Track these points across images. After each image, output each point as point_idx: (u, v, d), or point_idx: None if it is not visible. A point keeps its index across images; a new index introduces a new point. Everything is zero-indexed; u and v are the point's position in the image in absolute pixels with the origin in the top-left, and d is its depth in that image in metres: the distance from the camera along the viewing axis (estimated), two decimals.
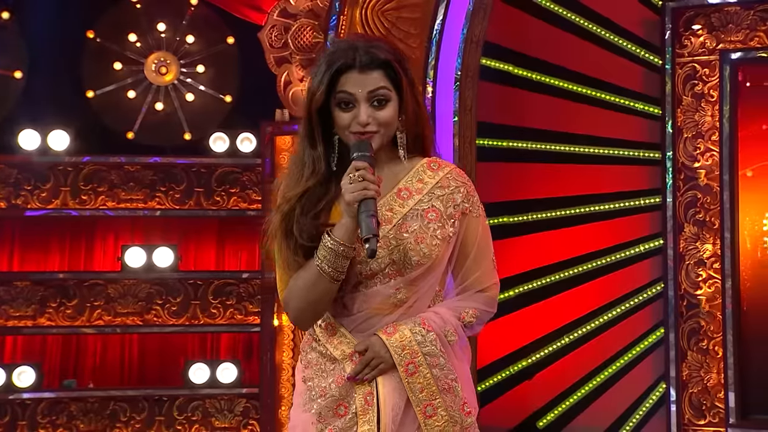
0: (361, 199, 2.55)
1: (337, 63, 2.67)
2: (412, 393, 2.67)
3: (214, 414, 6.21)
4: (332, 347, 2.72)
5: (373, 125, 2.66)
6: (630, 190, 6.23)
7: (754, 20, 5.85)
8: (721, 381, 5.80)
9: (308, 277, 2.64)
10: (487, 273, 2.80)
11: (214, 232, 6.53)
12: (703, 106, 5.91)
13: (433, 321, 2.70)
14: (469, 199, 2.76)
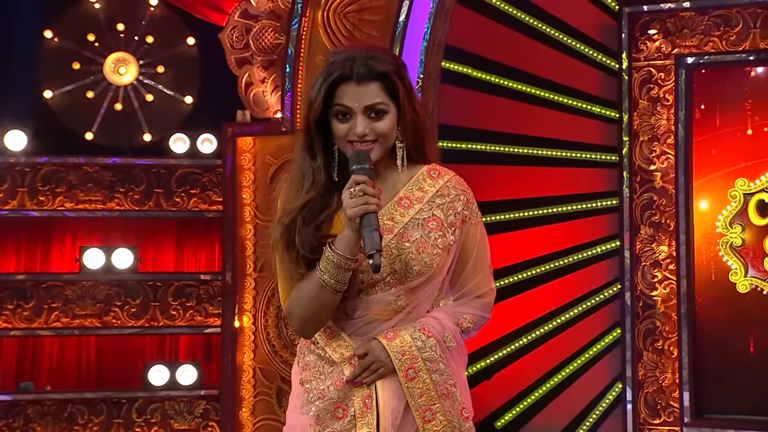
0: (362, 214, 2.57)
1: (334, 74, 2.69)
2: (412, 398, 2.71)
3: (173, 416, 6.19)
4: (331, 350, 2.75)
5: (370, 136, 2.68)
6: (587, 192, 6.30)
7: (708, 25, 5.93)
8: (676, 381, 5.87)
9: (310, 288, 2.67)
10: (485, 279, 2.84)
11: (173, 234, 6.52)
12: (658, 109, 5.99)
13: (432, 327, 2.73)
14: (469, 206, 2.79)
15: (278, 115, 6.06)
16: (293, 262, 2.70)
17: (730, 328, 5.97)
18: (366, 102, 2.67)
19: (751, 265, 5.86)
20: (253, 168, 6.11)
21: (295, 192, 2.75)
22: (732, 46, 5.88)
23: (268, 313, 6.07)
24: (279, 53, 6.07)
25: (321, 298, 2.66)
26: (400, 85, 2.71)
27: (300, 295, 2.70)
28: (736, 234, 5.88)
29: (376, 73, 2.69)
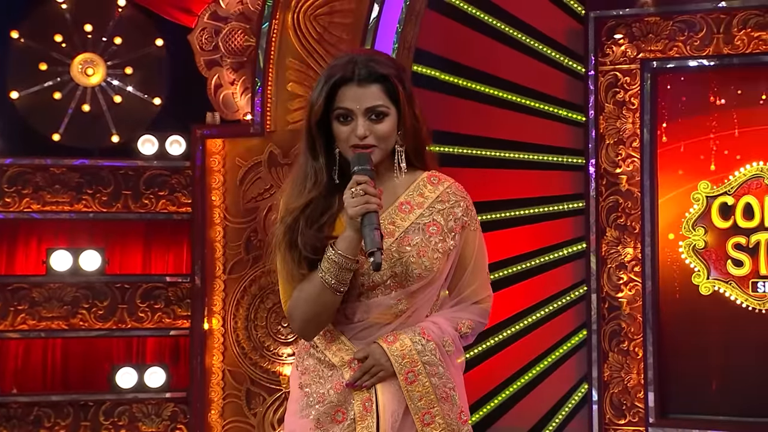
0: (363, 213, 2.59)
1: (335, 76, 2.71)
2: (411, 401, 2.72)
3: (141, 418, 6.17)
4: (331, 354, 2.76)
5: (371, 138, 2.70)
6: (554, 195, 6.36)
7: (673, 30, 6.01)
8: (641, 381, 5.94)
9: (312, 289, 2.68)
10: (483, 285, 2.87)
11: (141, 235, 6.47)
12: (624, 113, 6.06)
13: (432, 331, 2.75)
14: (468, 213, 2.82)
15: (248, 117, 6.07)
16: (295, 262, 2.71)
17: (693, 330, 6.04)
18: (367, 104, 2.69)
19: (714, 268, 5.95)
20: (222, 170, 6.11)
21: (297, 192, 2.76)
22: (696, 51, 5.97)
23: (238, 315, 6.08)
24: (249, 55, 6.08)
25: (322, 299, 2.68)
26: (400, 88, 2.73)
27: (301, 295, 2.71)
28: (699, 236, 5.96)
29: (377, 75, 2.71)
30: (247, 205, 6.10)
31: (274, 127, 6.05)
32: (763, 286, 5.88)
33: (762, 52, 5.87)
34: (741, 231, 5.91)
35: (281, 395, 6.02)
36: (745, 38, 5.89)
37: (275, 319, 6.04)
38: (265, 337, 6.05)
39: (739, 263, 5.90)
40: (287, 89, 6.04)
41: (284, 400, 6.03)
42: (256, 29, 6.00)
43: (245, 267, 6.08)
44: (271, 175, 6.06)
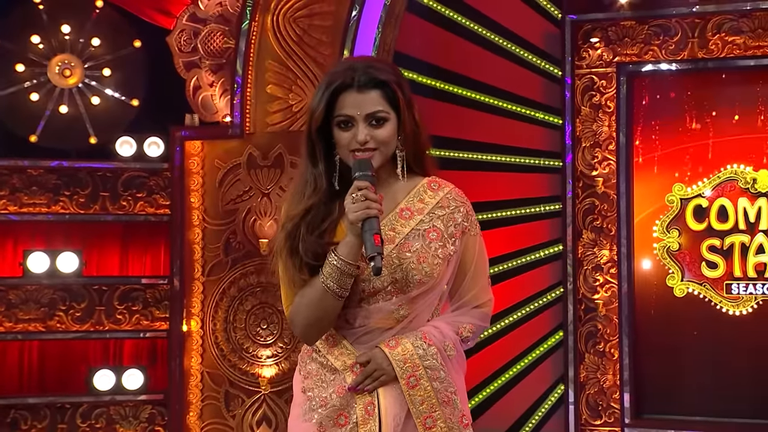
0: (364, 218, 2.60)
1: (335, 83, 2.72)
2: (413, 405, 2.74)
3: (118, 421, 6.16)
4: (333, 358, 2.78)
5: (371, 143, 2.71)
6: (531, 197, 6.40)
7: (648, 35, 6.07)
8: (617, 382, 5.99)
9: (314, 294, 2.70)
10: (483, 290, 2.89)
11: (118, 237, 6.45)
12: (600, 116, 6.10)
13: (433, 335, 2.77)
14: (468, 218, 2.85)
15: (227, 119, 6.07)
16: (296, 268, 2.73)
17: (668, 331, 6.09)
18: (367, 110, 2.71)
19: (688, 270, 6.00)
20: (201, 172, 6.11)
21: (298, 198, 2.78)
22: (671, 55, 6.02)
23: (217, 317, 6.08)
24: (228, 57, 6.08)
25: (324, 304, 2.69)
26: (400, 94, 2.75)
27: (303, 301, 2.73)
28: (674, 239, 6.02)
29: (377, 81, 2.72)
30: (226, 207, 6.10)
31: (253, 129, 6.06)
32: (737, 288, 5.95)
33: (736, 57, 5.94)
34: (715, 233, 5.97)
35: (260, 397, 6.03)
36: (719, 42, 5.95)
37: (254, 321, 6.05)
38: (244, 339, 6.05)
39: (713, 265, 5.96)
40: (266, 91, 6.05)
41: (263, 402, 6.05)
42: (236, 31, 6.01)
43: (224, 269, 6.09)
44: (251, 177, 6.06)
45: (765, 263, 5.92)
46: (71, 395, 6.19)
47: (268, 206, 6.03)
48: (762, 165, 5.97)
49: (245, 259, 6.06)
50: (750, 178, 5.96)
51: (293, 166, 6.00)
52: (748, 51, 5.92)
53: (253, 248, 6.04)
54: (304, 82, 6.01)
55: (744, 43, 5.92)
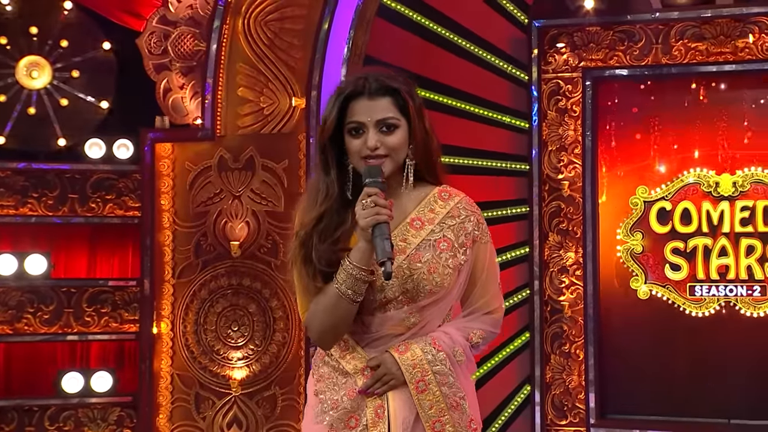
0: (374, 224, 2.63)
1: (346, 91, 2.77)
2: (422, 409, 2.78)
3: (86, 423, 6.13)
4: (345, 362, 2.82)
5: (382, 150, 2.74)
6: (499, 200, 6.44)
7: (613, 40, 6.15)
8: (582, 383, 6.07)
9: (328, 300, 2.73)
10: (494, 296, 2.93)
11: (86, 239, 6.42)
12: (566, 120, 6.18)
13: (442, 341, 2.80)
14: (479, 226, 2.87)
15: (198, 122, 6.07)
16: (310, 276, 2.77)
17: (632, 333, 6.18)
18: (378, 116, 2.74)
19: (651, 272, 6.10)
20: (171, 174, 6.11)
21: (310, 206, 2.81)
22: (635, 61, 6.12)
23: (187, 319, 6.08)
24: (198, 60, 6.07)
25: (338, 310, 2.73)
26: (410, 101, 2.79)
27: (318, 307, 2.76)
28: (637, 241, 6.11)
29: (388, 88, 2.77)
30: (197, 209, 6.10)
31: (224, 132, 6.06)
32: (700, 290, 6.05)
33: (699, 63, 6.04)
34: (679, 236, 6.07)
35: (231, 399, 6.03)
36: (682, 48, 6.05)
37: (225, 323, 6.05)
38: (215, 341, 6.06)
39: (676, 267, 6.06)
40: (238, 94, 6.06)
41: (233, 404, 6.05)
42: (206, 34, 6.00)
43: (195, 271, 6.09)
44: (221, 180, 6.07)
45: (727, 265, 6.03)
46: (39, 398, 6.15)
47: (239, 208, 6.03)
48: (724, 169, 6.08)
49: (216, 262, 6.06)
50: (712, 182, 6.07)
51: (264, 169, 6.02)
52: (710, 57, 6.03)
53: (224, 250, 6.05)
54: (275, 85, 6.02)
55: (706, 50, 6.03)
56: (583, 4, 6.11)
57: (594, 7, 6.10)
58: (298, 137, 5.98)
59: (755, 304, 6.00)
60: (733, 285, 6.04)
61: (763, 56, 5.95)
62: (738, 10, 6.00)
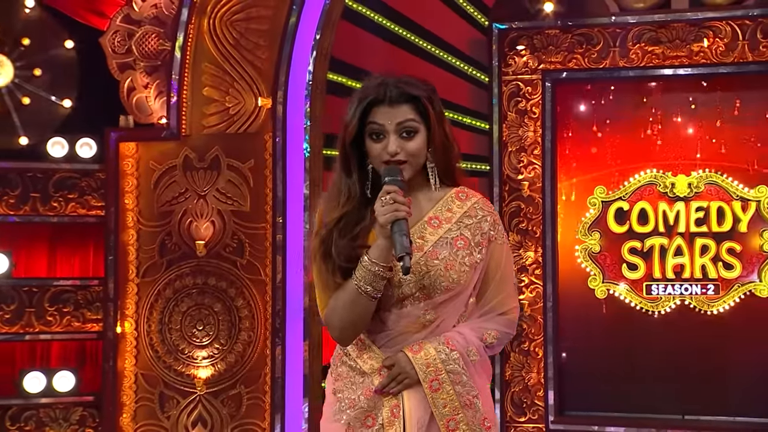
0: (393, 220, 2.68)
1: (368, 98, 2.81)
2: (436, 408, 2.82)
3: (48, 423, 6.10)
4: (362, 362, 2.87)
5: (402, 155, 2.80)
6: None
7: (572, 43, 6.24)
8: (541, 380, 6.14)
9: (348, 296, 2.78)
10: (509, 297, 2.97)
11: (46, 239, 6.38)
12: (526, 122, 6.25)
13: (456, 341, 2.85)
14: (495, 227, 2.92)
15: (163, 121, 6.06)
16: (330, 272, 2.82)
17: (590, 331, 6.26)
18: (398, 119, 2.80)
19: (609, 271, 6.19)
20: (136, 173, 6.09)
21: (332, 207, 2.86)
22: (593, 63, 6.20)
23: (152, 318, 6.07)
24: (163, 59, 6.07)
25: (358, 306, 2.78)
26: (430, 108, 2.84)
27: (338, 303, 2.81)
28: (595, 241, 6.20)
29: (408, 95, 2.82)
30: (162, 208, 6.09)
31: (189, 131, 6.06)
32: (656, 289, 6.16)
33: (655, 66, 6.15)
34: (636, 236, 6.17)
35: (195, 398, 6.03)
36: (639, 52, 6.16)
37: (190, 323, 6.05)
38: (180, 341, 6.05)
39: (633, 267, 6.16)
40: (203, 94, 6.06)
41: (198, 403, 6.05)
42: (171, 33, 5.99)
43: (159, 270, 6.08)
44: (186, 179, 6.07)
45: (683, 265, 6.14)
46: (0, 398, 6.10)
47: (205, 208, 6.04)
48: (680, 170, 6.20)
49: (181, 261, 6.05)
50: (669, 183, 6.18)
51: (230, 168, 6.04)
52: (666, 60, 6.14)
53: (189, 250, 6.05)
54: (241, 85, 6.04)
55: (663, 53, 6.14)
56: (542, 7, 6.19)
57: (553, 11, 6.19)
58: (264, 137, 6.00)
59: (709, 303, 6.12)
60: (688, 284, 6.15)
61: (717, 60, 6.07)
62: (693, 15, 6.11)
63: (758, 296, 6.06)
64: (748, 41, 6.03)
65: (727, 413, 6.11)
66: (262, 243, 5.97)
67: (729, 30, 6.06)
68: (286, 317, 5.92)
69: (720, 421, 6.09)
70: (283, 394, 5.89)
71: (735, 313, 6.10)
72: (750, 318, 6.09)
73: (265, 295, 5.95)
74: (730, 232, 6.12)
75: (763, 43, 6.00)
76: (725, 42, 6.07)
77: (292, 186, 5.95)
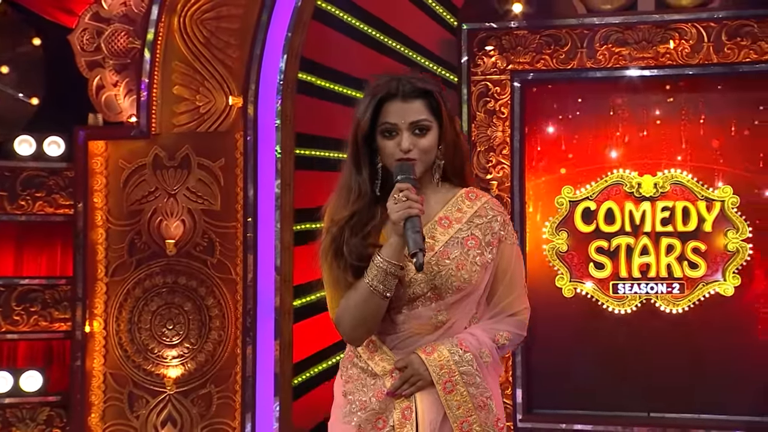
0: (406, 218, 2.68)
1: (380, 93, 2.82)
2: (450, 409, 2.82)
3: (15, 423, 6.05)
4: (373, 363, 2.86)
5: (414, 152, 2.80)
6: None
7: (540, 44, 6.28)
8: (509, 379, 6.16)
9: (359, 296, 2.77)
10: (519, 298, 2.99)
11: (13, 237, 6.33)
12: (495, 121, 6.28)
13: (469, 342, 2.85)
14: (505, 227, 2.93)
15: (132, 120, 6.04)
16: (341, 270, 2.81)
17: (558, 330, 6.29)
18: (411, 118, 2.80)
19: (576, 270, 6.24)
20: (105, 172, 6.06)
21: (342, 204, 2.86)
22: (561, 64, 6.25)
23: (121, 318, 6.04)
24: (132, 57, 6.04)
25: (370, 305, 2.77)
26: (443, 103, 2.85)
27: (350, 303, 2.80)
28: (562, 240, 6.25)
29: (421, 90, 2.82)
30: (131, 207, 6.07)
31: (159, 130, 6.04)
32: (622, 288, 6.23)
33: (622, 67, 6.21)
34: (603, 235, 6.22)
35: (165, 397, 6.01)
36: (606, 53, 6.21)
37: (160, 322, 6.03)
38: (149, 340, 6.03)
39: (600, 266, 6.21)
40: (173, 92, 6.05)
41: (168, 403, 6.03)
42: (141, 31, 5.97)
43: (128, 270, 6.06)
44: (156, 178, 6.05)
45: (648, 264, 6.21)
46: None
47: (175, 207, 6.02)
48: (646, 170, 6.26)
49: (150, 260, 6.03)
50: (635, 183, 6.25)
51: (200, 167, 6.02)
52: (633, 62, 6.20)
53: (158, 249, 6.03)
54: (211, 83, 6.02)
55: (629, 54, 6.20)
56: (511, 8, 6.23)
57: (522, 11, 6.23)
58: (234, 136, 5.99)
59: (674, 301, 6.19)
60: (654, 283, 6.21)
61: (683, 62, 6.14)
62: (659, 17, 6.19)
63: (723, 295, 6.14)
64: (713, 43, 6.10)
65: (693, 410, 6.18)
66: (232, 242, 5.96)
67: (694, 32, 6.13)
68: (257, 316, 5.92)
69: (685, 419, 6.16)
70: (254, 393, 5.89)
71: (700, 312, 6.18)
72: (714, 316, 6.17)
73: (236, 294, 5.94)
74: (695, 232, 6.19)
75: (727, 45, 6.08)
76: (691, 44, 6.14)
77: (263, 185, 5.95)
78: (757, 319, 6.15)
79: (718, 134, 6.21)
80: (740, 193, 6.14)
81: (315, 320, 6.38)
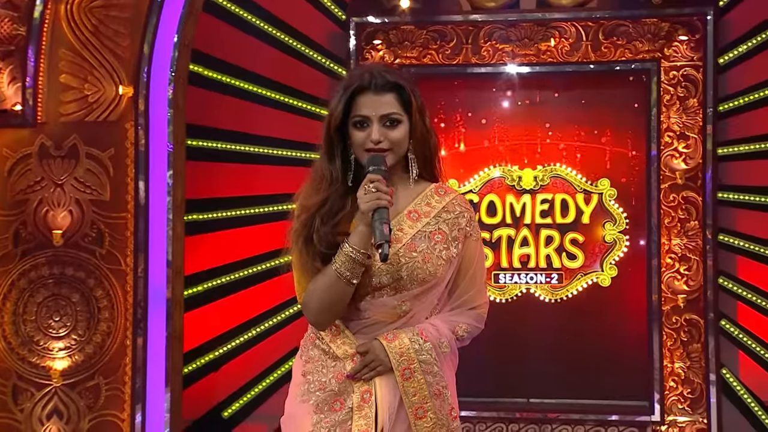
0: (374, 208, 2.74)
1: (353, 85, 2.87)
2: (406, 395, 2.89)
3: None
4: (335, 346, 2.92)
5: (385, 143, 2.86)
6: None
7: (426, 39, 6.42)
8: None
9: (326, 281, 2.82)
10: (479, 293, 3.05)
11: None
12: None
13: (430, 332, 2.92)
14: (471, 223, 3.00)
15: (17, 108, 5.91)
16: (310, 256, 2.86)
17: None
18: (382, 111, 2.87)
19: None
20: None
21: (314, 191, 2.92)
22: (447, 60, 6.41)
23: (5, 309, 5.92)
24: (17, 44, 5.90)
25: (336, 290, 2.83)
26: (413, 98, 2.92)
27: (317, 287, 2.85)
28: None
29: (393, 84, 2.89)
30: (16, 197, 5.95)
31: (45, 119, 5.94)
32: (503, 278, 6.42)
33: (505, 63, 6.40)
34: (485, 227, 6.39)
35: (51, 390, 5.93)
36: (490, 50, 6.39)
37: (46, 313, 5.93)
38: (35, 332, 5.93)
39: None
40: (60, 81, 5.95)
41: (54, 395, 5.94)
42: (26, 18, 5.85)
43: (13, 260, 5.94)
44: (42, 168, 5.94)
45: (528, 254, 6.42)
46: None
47: (62, 197, 5.92)
48: (526, 165, 6.46)
49: (36, 251, 5.92)
50: (516, 176, 6.45)
51: (89, 157, 5.94)
52: (516, 58, 6.40)
53: (45, 239, 5.93)
54: (100, 72, 5.95)
55: (512, 51, 6.39)
56: (398, 3, 6.33)
57: (409, 7, 6.34)
58: (125, 125, 5.92)
59: (553, 291, 6.41)
60: (533, 273, 6.43)
61: (563, 59, 6.36)
62: (541, 15, 6.39)
63: (600, 285, 6.39)
64: (591, 42, 6.33)
65: (570, 396, 6.42)
66: (122, 233, 5.91)
67: (574, 31, 6.36)
68: (148, 307, 5.88)
69: (563, 404, 6.39)
70: (145, 385, 5.85)
71: (577, 301, 6.42)
72: (591, 306, 6.42)
73: (126, 285, 5.89)
74: (573, 224, 6.42)
75: (604, 44, 6.32)
76: (570, 42, 6.36)
77: (154, 176, 5.91)
78: (632, 309, 6.41)
79: (597, 129, 6.45)
80: (617, 186, 6.39)
81: (204, 310, 6.38)
